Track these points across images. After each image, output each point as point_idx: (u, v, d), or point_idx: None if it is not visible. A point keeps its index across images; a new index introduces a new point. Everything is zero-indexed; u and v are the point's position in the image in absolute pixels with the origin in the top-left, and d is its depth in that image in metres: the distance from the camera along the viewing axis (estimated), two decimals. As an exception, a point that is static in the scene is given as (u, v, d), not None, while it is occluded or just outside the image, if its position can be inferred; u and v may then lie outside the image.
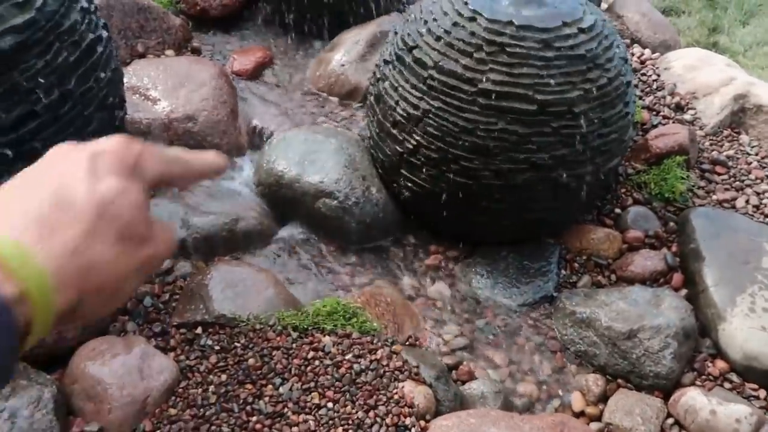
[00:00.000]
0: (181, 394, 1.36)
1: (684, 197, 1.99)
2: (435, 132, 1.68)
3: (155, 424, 1.30)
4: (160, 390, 1.34)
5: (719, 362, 1.62)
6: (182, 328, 1.50)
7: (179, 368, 1.40)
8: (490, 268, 1.82)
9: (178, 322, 1.52)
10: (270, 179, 1.88)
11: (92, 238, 0.38)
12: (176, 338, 1.48)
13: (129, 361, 1.35)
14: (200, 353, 1.44)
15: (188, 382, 1.38)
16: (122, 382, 1.31)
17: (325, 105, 2.25)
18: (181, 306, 1.56)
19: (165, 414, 1.32)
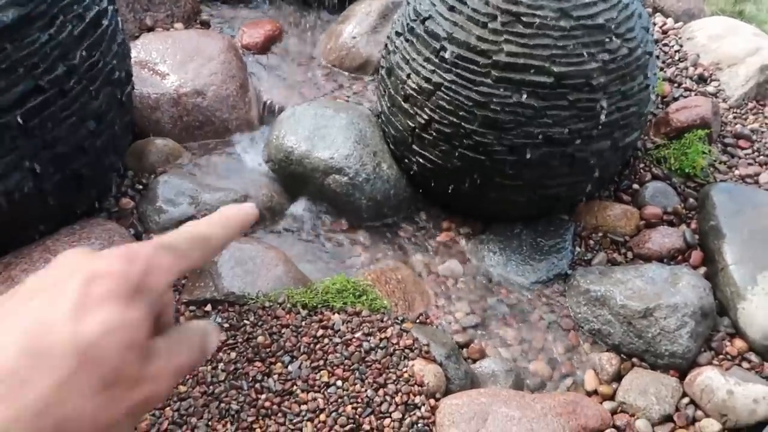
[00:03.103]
0: (191, 371, 1.35)
1: (705, 172, 1.93)
2: (447, 106, 1.63)
3: (165, 402, 1.30)
4: None
5: (738, 342, 1.58)
6: (191, 306, 1.50)
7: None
8: (502, 245, 1.79)
9: (187, 300, 1.51)
10: (279, 155, 1.86)
11: (68, 391, 0.33)
12: (185, 316, 1.47)
13: (139, 338, 1.34)
14: (210, 330, 1.43)
15: (198, 359, 1.37)
16: (132, 359, 1.31)
17: (336, 79, 2.21)
18: (190, 283, 1.55)
19: (175, 391, 1.32)
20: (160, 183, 1.76)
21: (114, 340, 0.33)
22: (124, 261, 0.36)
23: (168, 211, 1.70)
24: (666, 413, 1.45)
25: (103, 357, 0.33)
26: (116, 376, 0.34)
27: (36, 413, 0.31)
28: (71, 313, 0.33)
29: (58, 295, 0.34)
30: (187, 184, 1.77)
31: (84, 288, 0.34)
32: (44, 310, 0.33)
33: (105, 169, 1.63)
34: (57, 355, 0.32)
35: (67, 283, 0.34)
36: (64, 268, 0.36)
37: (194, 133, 1.97)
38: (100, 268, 0.35)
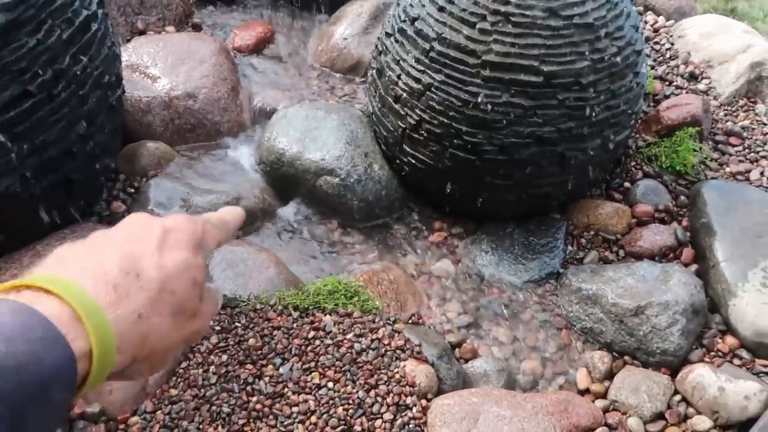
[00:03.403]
0: (182, 374, 1.36)
1: (696, 170, 1.93)
2: (437, 106, 1.63)
3: (156, 404, 1.30)
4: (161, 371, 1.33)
5: (729, 338, 1.59)
6: (183, 309, 1.49)
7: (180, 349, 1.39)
8: (495, 244, 1.79)
9: (179, 303, 1.51)
10: (271, 157, 1.86)
11: (153, 308, 0.40)
12: (177, 318, 1.47)
13: (130, 341, 1.34)
14: (201, 333, 1.43)
15: (189, 363, 1.38)
16: (123, 363, 1.31)
17: (328, 80, 2.21)
18: (182, 286, 1.55)
19: (166, 394, 1.32)
20: (151, 186, 1.76)
21: (185, 275, 0.42)
22: (190, 221, 0.46)
23: (160, 215, 1.70)
24: (658, 411, 1.45)
25: (175, 287, 0.42)
26: (182, 306, 0.42)
27: (136, 319, 0.39)
28: (156, 249, 0.42)
29: (144, 235, 0.43)
30: (179, 187, 1.77)
31: (163, 233, 0.43)
32: (136, 244, 0.42)
33: (96, 173, 1.63)
34: (146, 278, 0.40)
35: (151, 228, 0.44)
36: (142, 219, 0.45)
37: (186, 136, 1.97)
38: (173, 222, 0.45)
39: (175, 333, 0.42)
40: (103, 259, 0.41)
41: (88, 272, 0.39)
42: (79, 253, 0.41)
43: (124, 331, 0.38)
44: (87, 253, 0.41)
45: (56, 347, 0.35)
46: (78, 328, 0.36)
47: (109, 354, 0.38)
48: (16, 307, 0.35)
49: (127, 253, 0.41)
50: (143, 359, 0.41)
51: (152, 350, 0.41)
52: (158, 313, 0.40)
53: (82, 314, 0.37)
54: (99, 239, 0.43)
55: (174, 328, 0.42)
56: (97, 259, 0.41)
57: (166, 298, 0.41)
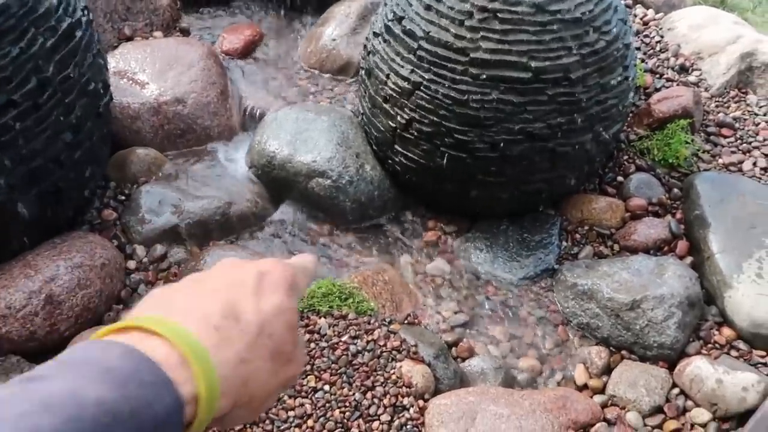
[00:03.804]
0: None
1: (688, 162, 1.93)
2: (427, 105, 1.63)
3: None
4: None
5: (726, 330, 1.58)
6: (177, 315, 1.48)
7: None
8: (489, 242, 1.79)
9: (172, 309, 1.50)
10: (262, 160, 1.85)
11: (253, 352, 0.40)
12: (171, 325, 1.46)
13: (123, 350, 1.33)
14: (195, 340, 1.42)
15: (184, 370, 1.36)
16: (117, 372, 1.30)
17: (318, 81, 2.20)
18: (175, 293, 1.54)
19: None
20: (142, 193, 1.74)
21: (281, 319, 0.42)
22: (282, 264, 0.46)
23: (151, 221, 1.69)
24: (656, 405, 1.45)
25: (273, 331, 0.41)
26: (279, 349, 0.42)
27: (238, 363, 0.39)
28: (253, 293, 0.42)
29: (240, 279, 0.43)
30: (170, 193, 1.76)
31: (258, 277, 0.43)
32: (233, 288, 0.42)
33: (84, 182, 1.62)
34: (245, 322, 0.40)
35: (246, 272, 0.43)
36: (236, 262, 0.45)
37: (176, 142, 1.96)
38: (267, 266, 0.45)
39: (273, 378, 0.42)
40: (203, 303, 0.40)
41: (191, 315, 0.39)
42: (177, 296, 0.41)
43: (227, 376, 0.38)
44: (186, 296, 0.41)
45: (166, 392, 0.35)
46: (186, 372, 0.36)
47: (215, 399, 0.37)
48: (126, 351, 0.35)
49: (226, 297, 0.41)
50: (243, 405, 0.40)
51: (252, 396, 0.40)
52: (258, 357, 0.40)
53: (190, 358, 0.36)
54: (195, 283, 0.43)
55: (272, 372, 0.41)
56: (197, 303, 0.40)
57: (265, 342, 0.41)
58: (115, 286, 1.51)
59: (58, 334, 1.37)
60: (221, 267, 0.45)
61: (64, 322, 1.38)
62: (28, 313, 1.35)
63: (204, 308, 0.40)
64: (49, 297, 1.38)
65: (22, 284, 1.38)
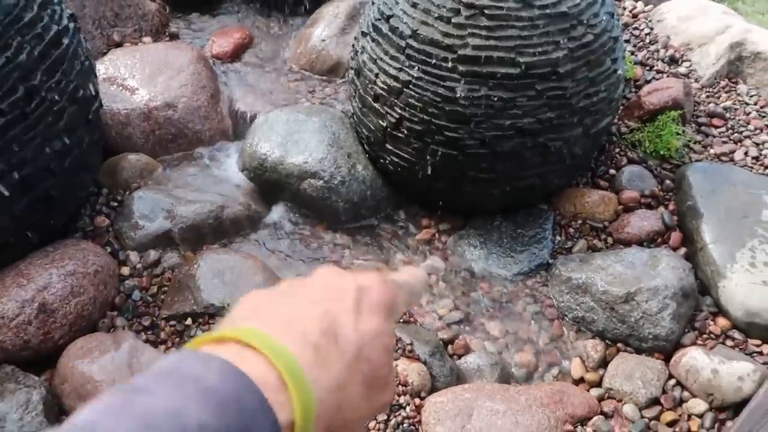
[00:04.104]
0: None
1: (680, 153, 1.93)
2: (416, 103, 1.63)
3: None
4: None
5: (720, 320, 1.58)
6: (172, 320, 1.48)
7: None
8: (483, 238, 1.79)
9: (167, 315, 1.50)
10: (254, 163, 1.85)
11: (350, 376, 0.38)
12: (166, 331, 1.46)
13: (119, 356, 1.34)
14: (190, 344, 1.42)
15: (179, 374, 1.36)
16: (113, 378, 1.30)
17: (308, 82, 2.20)
18: (169, 298, 1.54)
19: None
20: (135, 199, 1.74)
21: (379, 342, 0.40)
22: (384, 282, 0.44)
23: (144, 227, 1.69)
24: (653, 396, 1.45)
25: (370, 355, 0.39)
26: (375, 375, 0.39)
27: (333, 387, 0.37)
28: (353, 311, 0.40)
29: (340, 292, 0.41)
30: (163, 199, 1.75)
31: (359, 293, 0.41)
32: (333, 302, 0.40)
33: (76, 189, 1.61)
34: (344, 342, 0.38)
35: (347, 285, 0.41)
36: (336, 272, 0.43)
37: (168, 147, 1.96)
38: (368, 281, 0.43)
39: (366, 404, 0.40)
40: (302, 315, 0.38)
41: (289, 330, 0.37)
42: (275, 305, 0.39)
43: (323, 400, 0.36)
44: (283, 306, 0.39)
45: (264, 420, 0.33)
46: (283, 396, 0.34)
47: (309, 424, 0.35)
48: (227, 368, 0.33)
49: (325, 311, 0.39)
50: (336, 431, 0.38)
51: (345, 422, 0.38)
52: (353, 382, 0.38)
53: (288, 380, 0.34)
54: (293, 290, 0.41)
55: (366, 398, 0.39)
56: (295, 315, 0.38)
57: (362, 367, 0.39)
58: (108, 292, 1.51)
59: (53, 343, 1.37)
60: (320, 275, 0.43)
61: (58, 330, 1.37)
62: (21, 322, 1.35)
63: (302, 323, 0.37)
64: (42, 305, 1.37)
65: (15, 293, 1.38)
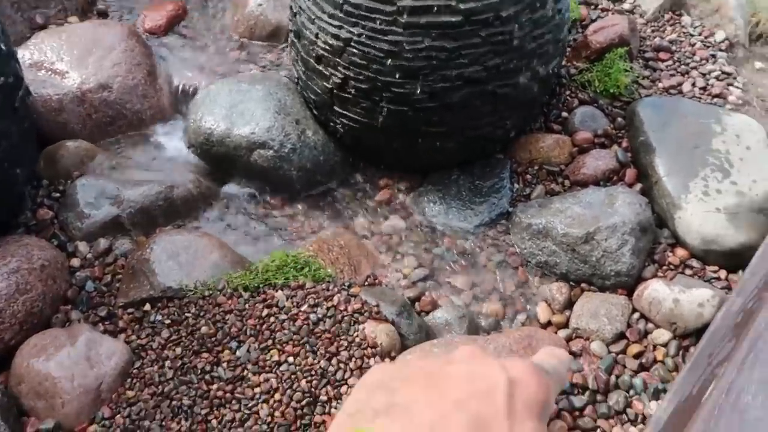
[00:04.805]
0: (137, 374, 1.31)
1: (629, 90, 1.93)
2: (360, 61, 1.57)
3: (114, 409, 1.26)
4: (113, 374, 1.29)
5: (679, 250, 1.61)
6: (129, 308, 1.44)
7: (131, 349, 1.35)
8: (441, 194, 1.77)
9: (124, 303, 1.45)
10: (200, 139, 1.78)
11: None
12: (124, 319, 1.41)
13: (75, 350, 1.29)
14: (151, 330, 1.38)
15: (143, 361, 1.33)
16: (71, 374, 1.25)
17: (249, 50, 2.12)
18: (125, 285, 1.49)
19: (123, 397, 1.27)
20: (78, 187, 1.67)
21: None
22: (536, 374, 0.39)
23: (91, 215, 1.62)
24: (618, 331, 1.47)
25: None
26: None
27: None
28: (506, 415, 0.35)
29: (489, 389, 0.36)
30: (108, 184, 1.68)
31: (510, 389, 0.37)
32: (482, 402, 0.36)
33: (12, 183, 1.53)
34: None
35: (496, 379, 0.37)
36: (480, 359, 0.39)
37: (107, 130, 1.87)
38: (519, 374, 0.38)
39: None
40: (447, 421, 0.34)
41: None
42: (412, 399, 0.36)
43: None
44: (423, 404, 0.35)
45: None
46: None
47: None
48: None
49: (475, 416, 0.35)
50: None
51: None
52: None
53: None
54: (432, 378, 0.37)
55: None
56: (438, 418, 0.34)
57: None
58: (59, 286, 1.45)
59: (3, 344, 1.31)
60: (463, 359, 0.39)
61: (7, 330, 1.31)
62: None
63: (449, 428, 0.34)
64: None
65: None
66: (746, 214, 1.57)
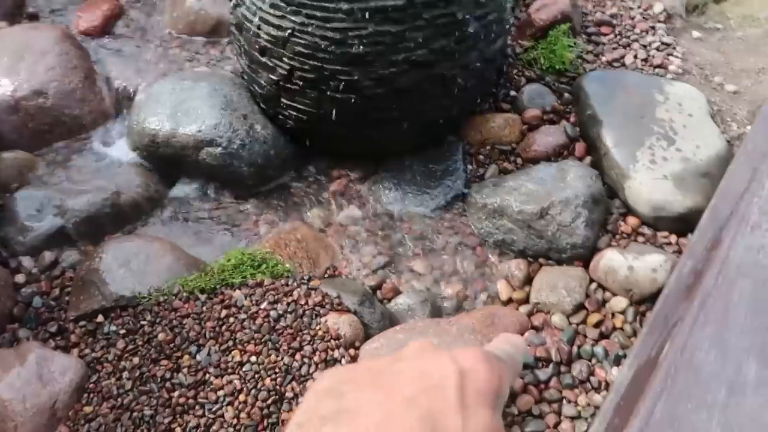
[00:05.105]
0: (94, 388, 1.26)
1: (574, 65, 1.96)
2: (305, 50, 1.55)
3: (72, 427, 1.21)
4: (68, 391, 1.24)
5: (630, 219, 1.64)
6: (81, 321, 1.38)
7: (86, 363, 1.30)
8: (396, 180, 1.76)
9: (75, 316, 1.40)
10: (144, 140, 1.72)
11: None
12: (76, 333, 1.36)
13: (25, 370, 1.23)
14: (106, 342, 1.34)
15: (99, 375, 1.28)
16: (22, 395, 1.20)
17: (190, 47, 2.06)
18: (75, 298, 1.43)
19: (80, 414, 1.23)
20: (18, 200, 1.59)
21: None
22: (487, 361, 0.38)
23: (33, 228, 1.55)
24: (578, 303, 1.50)
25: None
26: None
27: None
28: (457, 407, 0.34)
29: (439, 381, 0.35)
30: (50, 194, 1.61)
31: (461, 381, 0.36)
32: (432, 396, 0.34)
33: (-56, 199, 1.45)
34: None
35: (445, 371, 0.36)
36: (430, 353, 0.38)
37: (46, 137, 1.79)
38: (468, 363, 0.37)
39: None
40: (397, 418, 0.33)
41: None
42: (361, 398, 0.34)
43: None
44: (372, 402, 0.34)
45: None
46: None
47: None
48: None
49: (426, 411, 0.33)
50: None
51: None
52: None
53: None
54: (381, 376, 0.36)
55: None
56: (388, 415, 0.33)
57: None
58: (4, 304, 1.38)
59: (-53, 369, 1.24)
60: (412, 355, 0.38)
61: (-49, 354, 1.25)
62: None
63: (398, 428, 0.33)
64: (-72, 331, 1.24)
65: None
66: (692, 179, 1.61)
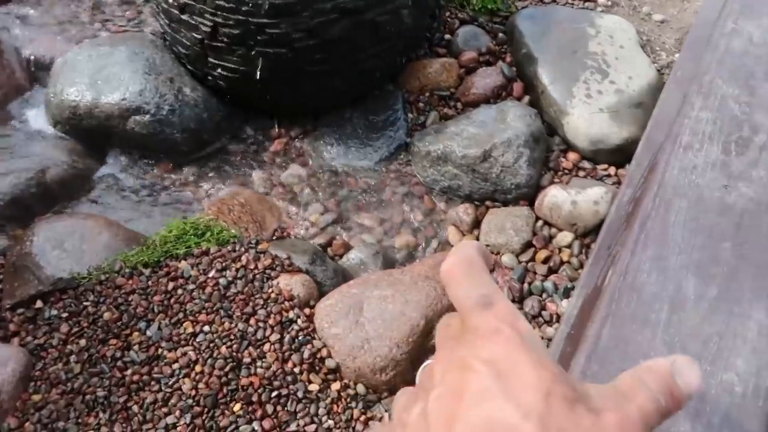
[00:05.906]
0: (41, 376, 1.21)
1: (506, 4, 1.94)
2: (227, 4, 1.47)
3: (21, 417, 1.16)
4: (12, 381, 1.18)
5: (571, 155, 1.67)
6: (18, 308, 1.31)
7: (29, 351, 1.24)
8: (337, 134, 1.72)
9: (11, 304, 1.32)
10: (65, 114, 1.62)
11: None
12: (15, 321, 1.29)
13: (-37, 365, 1.17)
14: (48, 327, 1.28)
15: (44, 362, 1.23)
16: (-37, 390, 1.14)
17: (104, 10, 1.92)
18: (8, 285, 1.36)
19: (29, 403, 1.18)
20: None
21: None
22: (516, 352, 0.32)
23: (-44, 218, 1.45)
24: (525, 241, 1.53)
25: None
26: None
27: None
28: None
29: None
30: (-33, 179, 1.50)
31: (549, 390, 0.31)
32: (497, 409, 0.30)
33: None
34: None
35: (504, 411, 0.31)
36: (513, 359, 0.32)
37: (-46, 119, 1.66)
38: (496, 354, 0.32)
39: None
40: None
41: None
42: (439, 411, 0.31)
43: None
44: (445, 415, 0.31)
45: None
46: None
47: None
48: None
49: None
50: None
51: None
52: None
53: None
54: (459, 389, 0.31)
55: None
56: None
57: None
58: (-70, 300, 1.30)
59: None
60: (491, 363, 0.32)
61: None
62: None
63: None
64: None
65: None
66: (626, 111, 1.64)
